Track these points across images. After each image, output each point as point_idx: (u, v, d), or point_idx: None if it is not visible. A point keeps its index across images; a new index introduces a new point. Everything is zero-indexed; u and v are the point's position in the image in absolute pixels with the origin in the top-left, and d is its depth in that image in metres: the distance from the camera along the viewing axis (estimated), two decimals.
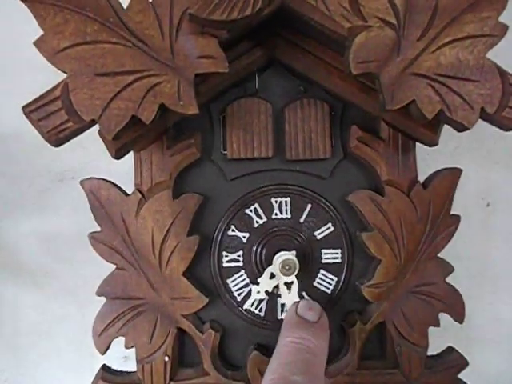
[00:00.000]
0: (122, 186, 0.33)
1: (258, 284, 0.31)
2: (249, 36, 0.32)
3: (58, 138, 0.27)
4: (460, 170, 0.35)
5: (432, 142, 0.33)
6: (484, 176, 0.52)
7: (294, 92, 0.34)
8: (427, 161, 0.50)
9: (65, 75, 0.26)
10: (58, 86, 0.26)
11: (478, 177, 0.52)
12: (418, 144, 0.34)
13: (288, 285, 0.31)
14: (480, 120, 0.29)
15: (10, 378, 0.49)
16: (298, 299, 0.30)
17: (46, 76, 0.26)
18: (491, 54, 0.28)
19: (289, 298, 0.30)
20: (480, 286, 0.49)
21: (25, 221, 0.49)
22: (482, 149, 0.52)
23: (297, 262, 0.31)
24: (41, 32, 0.26)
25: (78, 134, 0.28)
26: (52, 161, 0.50)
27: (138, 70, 0.27)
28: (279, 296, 0.31)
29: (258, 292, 0.31)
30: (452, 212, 0.34)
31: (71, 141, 0.49)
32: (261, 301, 0.34)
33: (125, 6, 0.27)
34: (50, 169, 0.50)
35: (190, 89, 0.27)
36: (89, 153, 0.49)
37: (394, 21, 0.27)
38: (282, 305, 0.34)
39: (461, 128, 0.29)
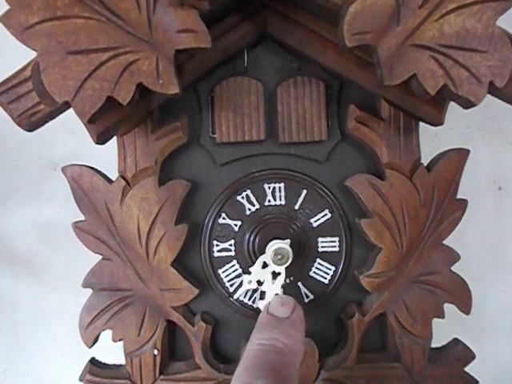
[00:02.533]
0: (115, 174, 0.31)
1: (249, 273, 0.30)
2: (236, 9, 0.29)
3: (29, 122, 0.25)
4: (467, 151, 0.32)
5: (437, 121, 0.31)
6: (496, 158, 0.49)
7: (287, 69, 0.32)
8: (435, 142, 0.47)
9: (35, 54, 0.24)
10: (27, 65, 0.25)
11: (490, 159, 0.49)
12: (425, 125, 0.32)
13: (275, 274, 0.29)
14: (491, 97, 0.26)
15: (9, 368, 0.49)
16: (279, 291, 0.29)
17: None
18: (501, 22, 0.26)
19: (271, 288, 0.29)
20: (491, 273, 0.47)
21: (18, 210, 0.48)
22: (494, 129, 0.49)
23: (290, 252, 0.29)
24: (7, 7, 0.24)
25: (52, 118, 0.26)
26: (44, 148, 0.49)
27: (113, 47, 0.25)
28: (261, 283, 0.30)
29: (250, 282, 0.30)
30: (461, 196, 0.32)
31: (63, 128, 0.48)
32: (254, 291, 0.32)
33: None
34: (43, 157, 0.48)
35: (170, 66, 0.25)
36: (81, 140, 0.47)
37: None
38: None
39: (467, 104, 0.26)
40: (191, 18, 0.25)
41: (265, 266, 0.30)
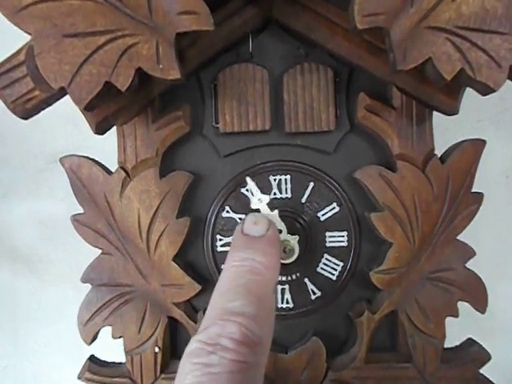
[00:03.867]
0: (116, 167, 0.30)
1: None
2: None
3: (24, 108, 0.24)
4: (483, 142, 0.31)
5: (452, 110, 0.29)
6: (509, 152, 0.48)
7: (294, 56, 0.30)
8: (447, 136, 0.46)
9: (29, 37, 0.23)
10: (21, 49, 0.23)
11: (503, 152, 0.47)
12: (435, 116, 0.30)
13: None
14: (504, 89, 0.25)
15: (10, 364, 0.48)
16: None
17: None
18: None
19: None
20: (505, 270, 0.46)
21: (19, 204, 0.47)
22: (507, 122, 0.47)
23: (296, 247, 0.28)
24: None
25: (49, 104, 0.25)
26: (45, 141, 0.48)
27: (111, 30, 0.23)
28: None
29: None
30: (473, 190, 0.31)
31: (64, 120, 0.47)
32: None
33: None
34: (43, 150, 0.48)
35: (171, 50, 0.24)
36: (83, 132, 0.46)
37: None
38: (283, 292, 0.31)
39: (486, 90, 0.25)
40: (193, 0, 0.23)
41: None
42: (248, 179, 0.28)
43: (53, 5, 0.23)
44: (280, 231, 0.28)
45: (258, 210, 0.28)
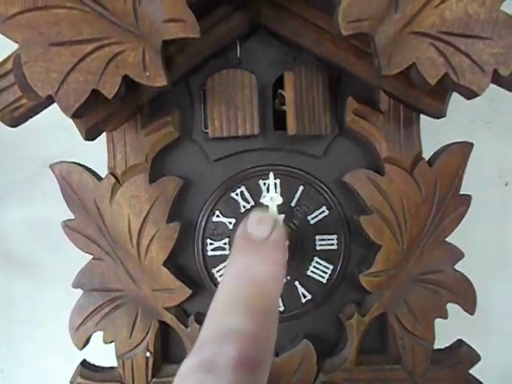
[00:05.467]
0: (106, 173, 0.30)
1: None
2: None
3: (12, 117, 0.24)
4: (471, 144, 0.31)
5: (439, 114, 0.29)
6: (502, 152, 0.48)
7: (282, 61, 0.30)
8: (439, 136, 0.46)
9: (16, 46, 0.23)
10: (8, 58, 0.24)
11: (496, 153, 0.47)
12: (427, 118, 0.30)
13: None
14: (497, 89, 0.25)
15: (6, 368, 0.48)
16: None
17: None
18: (506, 7, 0.24)
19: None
20: (497, 271, 0.46)
21: (13, 209, 0.47)
22: (500, 122, 0.47)
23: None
24: None
25: (36, 113, 0.25)
26: (38, 146, 0.48)
27: (98, 38, 0.24)
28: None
29: None
30: (466, 192, 0.31)
31: (57, 125, 0.47)
32: None
33: None
34: (36, 155, 0.48)
35: (157, 57, 0.24)
36: (75, 137, 0.46)
37: None
38: None
39: (470, 94, 0.25)
40: (178, 7, 0.24)
41: None
42: (271, 174, 0.27)
43: (39, 14, 0.23)
44: None
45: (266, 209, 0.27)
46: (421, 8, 0.24)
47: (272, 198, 0.28)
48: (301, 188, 0.31)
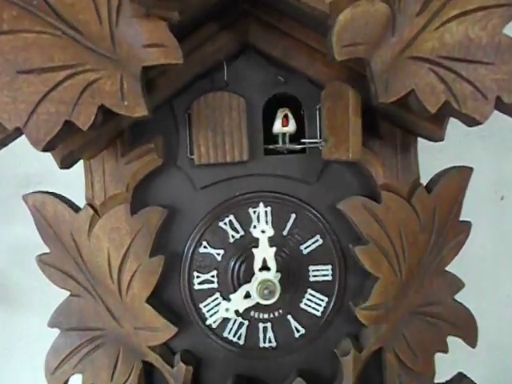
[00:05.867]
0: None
1: (229, 300, 0.27)
2: (213, 17, 0.26)
3: None
4: (470, 169, 0.29)
5: (437, 138, 0.28)
6: (497, 166, 0.47)
7: (272, 83, 0.29)
8: (433, 151, 0.45)
9: None
10: None
11: (491, 167, 0.46)
12: None
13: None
14: None
15: None
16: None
17: None
18: (509, 29, 0.23)
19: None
20: (494, 287, 0.45)
21: None
22: (495, 135, 0.46)
23: (278, 286, 0.27)
24: None
25: (5, 145, 0.23)
26: (17, 164, 0.46)
27: (71, 65, 0.22)
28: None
29: (227, 310, 0.27)
30: (462, 207, 0.29)
31: None
32: (239, 327, 0.30)
33: None
34: (16, 173, 0.45)
35: (137, 85, 0.22)
36: None
37: None
38: (265, 331, 0.30)
39: (471, 122, 0.24)
40: (159, 31, 0.22)
41: (247, 296, 0.27)
42: (261, 204, 0.27)
43: (5, 38, 0.21)
44: (268, 269, 0.27)
45: (257, 241, 0.27)
46: (419, 31, 0.23)
47: (263, 230, 0.27)
48: (293, 216, 0.30)
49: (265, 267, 0.28)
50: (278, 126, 0.29)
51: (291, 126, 0.29)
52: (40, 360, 0.44)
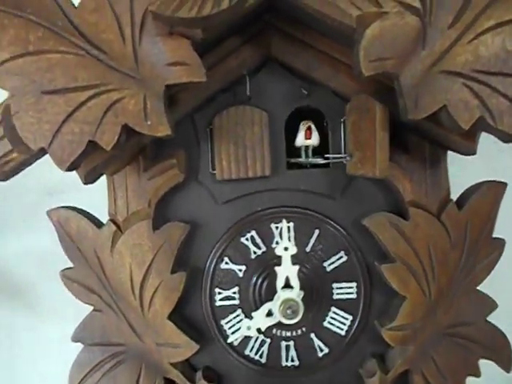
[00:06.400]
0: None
1: (251, 318, 0.27)
2: (236, 30, 0.26)
3: (2, 171, 0.22)
4: (504, 184, 0.28)
5: (469, 151, 0.27)
6: None
7: (295, 96, 0.28)
8: (462, 160, 0.43)
9: (6, 94, 0.22)
10: None
11: None
12: None
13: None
14: None
15: None
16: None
17: None
18: None
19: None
20: None
21: (15, 239, 0.46)
22: None
23: (301, 306, 0.26)
24: None
25: (29, 165, 0.23)
26: (40, 173, 0.46)
27: (94, 85, 0.22)
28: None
29: (249, 328, 0.27)
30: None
31: None
32: (261, 345, 0.29)
33: (76, 5, 0.22)
34: (39, 181, 0.46)
35: (160, 104, 0.22)
36: None
37: (417, 4, 0.21)
38: (287, 349, 0.29)
39: (507, 138, 0.23)
40: (182, 49, 0.22)
41: (269, 314, 0.27)
42: (284, 220, 0.27)
43: (30, 60, 0.21)
44: (291, 287, 0.26)
45: (279, 257, 0.26)
46: (451, 44, 0.22)
47: (286, 247, 0.26)
48: (316, 231, 0.29)
49: (287, 285, 0.27)
50: (300, 139, 0.29)
51: (314, 139, 0.29)
52: (65, 368, 0.45)
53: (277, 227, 0.29)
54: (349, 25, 0.22)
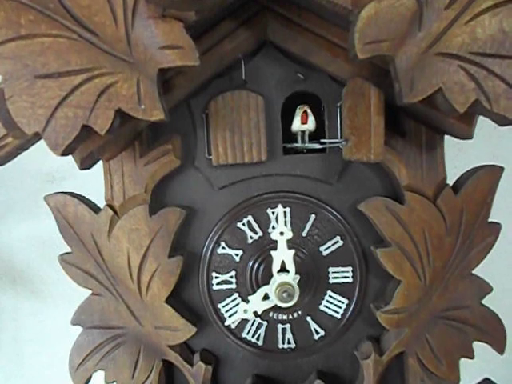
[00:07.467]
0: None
1: (247, 302, 0.27)
2: (230, 13, 0.26)
3: None
4: (501, 169, 0.28)
5: (465, 135, 0.27)
6: None
7: (291, 80, 0.28)
8: (460, 148, 0.43)
9: None
10: None
11: None
12: None
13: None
14: None
15: None
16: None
17: None
18: None
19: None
20: None
21: (17, 225, 0.46)
22: None
23: (297, 289, 0.26)
24: None
25: (24, 150, 0.23)
26: (41, 161, 0.47)
27: (88, 69, 0.21)
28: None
29: (245, 311, 0.27)
30: (492, 212, 0.28)
31: None
32: (258, 328, 0.29)
33: None
34: (39, 169, 0.46)
35: (153, 88, 0.22)
36: None
37: None
38: (284, 332, 0.29)
39: (503, 121, 0.22)
40: (175, 32, 0.21)
41: (266, 297, 0.27)
42: (280, 204, 0.27)
43: (22, 43, 0.21)
44: (287, 271, 0.26)
45: (275, 242, 0.26)
46: (448, 25, 0.21)
47: (282, 232, 0.26)
48: (312, 216, 0.29)
49: (283, 269, 0.27)
50: (296, 124, 0.28)
51: (311, 124, 0.28)
52: (68, 351, 0.45)
53: (273, 212, 0.29)
54: (344, 6, 0.22)
